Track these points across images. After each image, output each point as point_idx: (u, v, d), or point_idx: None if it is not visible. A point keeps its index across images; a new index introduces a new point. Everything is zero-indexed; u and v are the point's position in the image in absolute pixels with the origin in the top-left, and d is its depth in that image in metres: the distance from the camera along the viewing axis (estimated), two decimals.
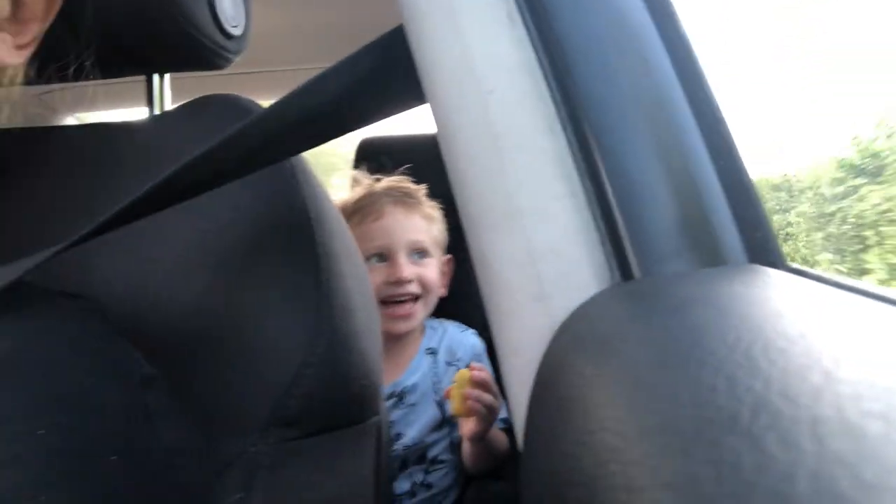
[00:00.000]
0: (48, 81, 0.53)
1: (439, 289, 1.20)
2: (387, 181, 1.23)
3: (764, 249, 0.35)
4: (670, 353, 0.21)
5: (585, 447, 0.19)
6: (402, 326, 1.14)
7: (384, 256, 1.15)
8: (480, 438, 1.07)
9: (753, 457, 0.13)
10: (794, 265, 0.34)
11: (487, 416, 1.04)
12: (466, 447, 1.13)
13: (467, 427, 1.08)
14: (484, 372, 1.04)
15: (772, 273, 0.30)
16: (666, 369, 0.20)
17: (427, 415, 1.17)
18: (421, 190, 1.23)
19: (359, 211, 1.17)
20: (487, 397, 1.02)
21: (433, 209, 1.22)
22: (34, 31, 0.45)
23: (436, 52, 0.41)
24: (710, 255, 0.35)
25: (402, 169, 1.26)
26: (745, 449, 0.13)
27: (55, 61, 0.52)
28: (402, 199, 1.18)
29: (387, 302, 1.13)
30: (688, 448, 0.15)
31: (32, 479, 0.27)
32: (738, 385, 0.16)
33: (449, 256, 1.25)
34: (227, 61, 0.65)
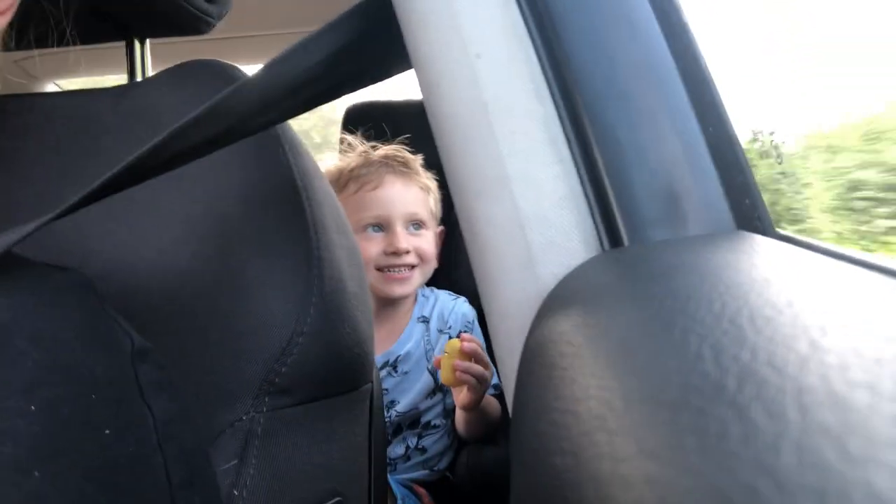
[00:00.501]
0: (27, 48, 0.51)
1: (435, 259, 1.20)
2: (384, 150, 1.22)
3: (752, 216, 0.35)
4: (656, 320, 0.21)
5: (572, 415, 0.19)
6: (398, 289, 1.14)
7: (381, 227, 1.14)
8: (473, 407, 1.08)
9: (739, 427, 0.13)
10: (783, 232, 0.34)
11: (478, 385, 1.04)
12: (459, 415, 1.14)
13: (459, 396, 1.09)
14: (473, 342, 1.05)
15: (760, 240, 0.30)
16: (652, 337, 0.20)
17: (420, 382, 1.18)
18: (418, 160, 1.22)
19: (356, 179, 1.16)
20: (477, 368, 1.03)
21: (430, 180, 1.21)
22: None
23: (422, 15, 0.40)
24: (698, 223, 0.35)
25: (400, 139, 1.25)
26: (730, 418, 0.13)
27: (34, 27, 0.51)
28: (401, 169, 1.17)
29: (383, 269, 1.13)
30: (673, 417, 0.15)
31: (25, 455, 0.26)
32: (723, 353, 0.16)
33: (441, 228, 1.25)
34: (209, 26, 0.64)
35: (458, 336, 1.16)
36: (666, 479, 0.13)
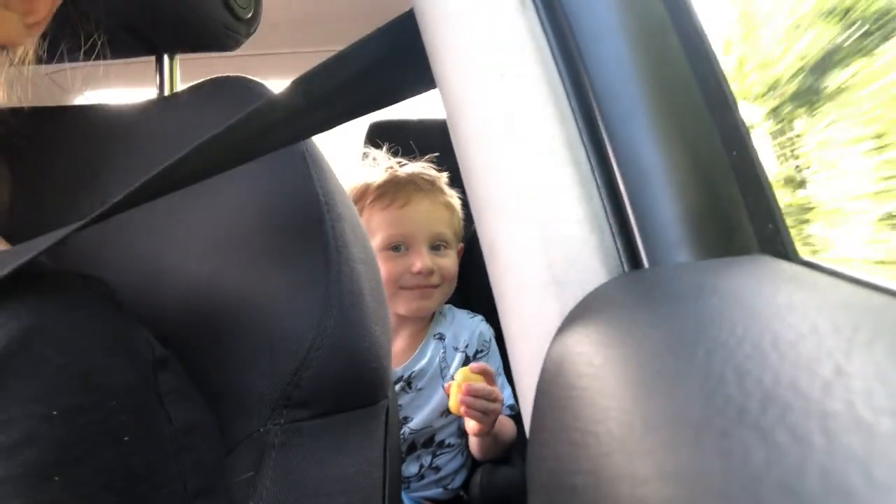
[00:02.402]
0: (59, 61, 0.53)
1: (455, 278, 1.20)
2: (411, 167, 1.22)
3: (775, 241, 0.35)
4: (678, 342, 0.21)
5: (592, 436, 0.19)
6: (419, 308, 1.14)
7: (406, 245, 1.14)
8: (483, 434, 1.08)
9: (763, 450, 0.13)
10: (806, 258, 0.34)
11: (485, 418, 1.04)
12: (472, 438, 1.14)
13: (468, 425, 1.08)
14: (479, 381, 1.04)
15: (783, 265, 0.29)
16: (674, 359, 0.20)
17: (434, 400, 1.17)
18: (443, 177, 1.22)
19: (383, 196, 1.15)
20: (481, 403, 1.02)
21: (454, 198, 1.21)
22: (44, 9, 0.45)
23: (446, 36, 0.41)
24: (720, 246, 0.35)
25: (428, 157, 1.25)
26: (754, 442, 0.13)
27: (66, 41, 0.52)
28: (427, 187, 1.17)
29: (406, 287, 1.13)
30: (695, 439, 0.15)
31: (47, 459, 0.27)
32: (747, 377, 0.16)
33: (461, 245, 1.25)
34: (237, 43, 0.65)
35: (473, 356, 1.16)
36: (686, 502, 0.13)
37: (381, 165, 1.23)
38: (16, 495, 0.26)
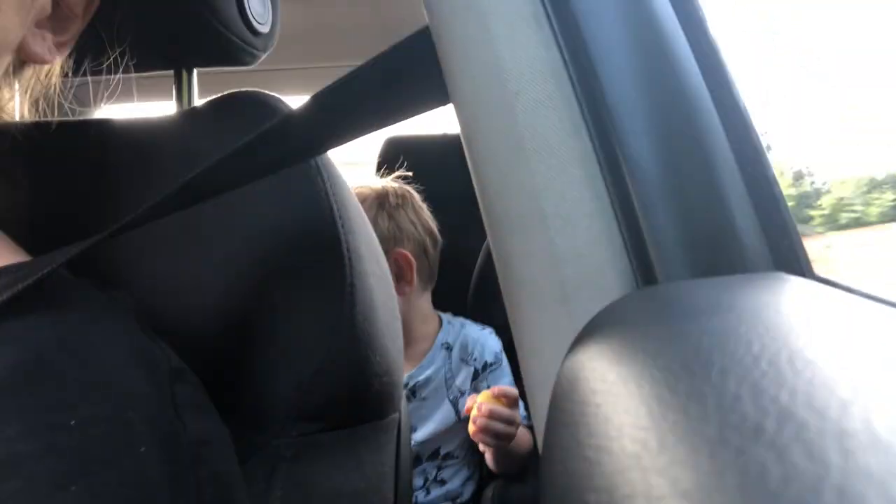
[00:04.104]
0: (83, 76, 0.54)
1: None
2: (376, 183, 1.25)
3: (791, 257, 0.35)
4: (693, 359, 0.21)
5: (606, 452, 0.19)
6: None
7: None
8: (497, 454, 1.08)
9: (779, 468, 0.13)
10: (822, 275, 0.33)
11: (498, 442, 1.04)
12: (487, 452, 1.13)
13: (481, 444, 1.09)
14: (499, 404, 1.04)
15: (799, 281, 0.29)
16: (688, 376, 0.20)
17: (440, 411, 1.17)
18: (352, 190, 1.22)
19: None
20: (494, 428, 1.02)
21: (370, 209, 1.19)
22: (74, 29, 0.46)
23: (461, 53, 0.41)
24: (735, 262, 0.35)
25: (399, 174, 1.27)
26: (770, 459, 0.13)
27: (90, 56, 0.53)
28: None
29: None
30: (710, 457, 0.15)
31: (65, 469, 0.27)
32: (763, 395, 0.16)
33: (396, 253, 1.19)
34: (255, 58, 0.66)
35: (482, 369, 1.16)
36: None
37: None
38: (35, 503, 0.26)
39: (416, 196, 1.27)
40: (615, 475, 0.18)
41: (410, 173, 1.29)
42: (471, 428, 1.04)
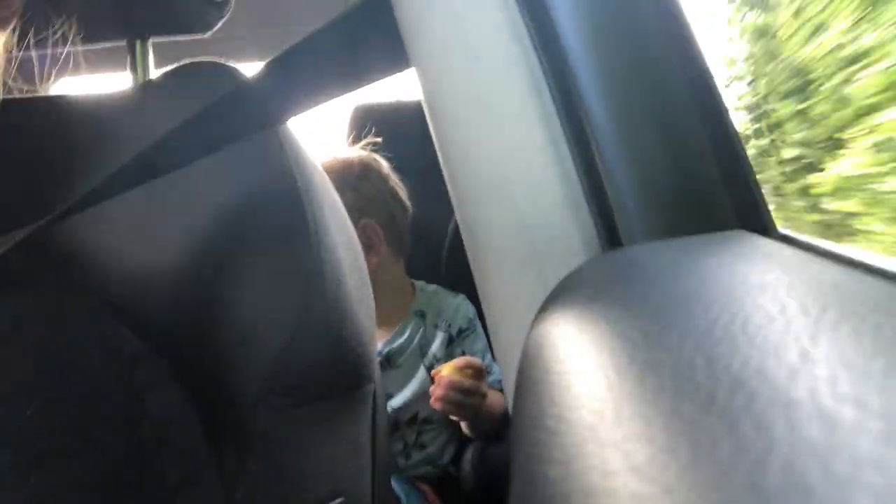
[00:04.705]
0: (27, 49, 0.52)
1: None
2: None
3: (754, 215, 0.35)
4: (652, 326, 0.21)
5: (565, 423, 0.19)
6: None
7: None
8: (469, 423, 1.10)
9: (729, 441, 0.13)
10: (785, 232, 0.34)
11: (461, 411, 1.06)
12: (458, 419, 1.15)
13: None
14: (461, 378, 1.04)
15: (760, 241, 0.29)
16: (646, 344, 0.20)
17: (415, 378, 1.17)
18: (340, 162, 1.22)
19: None
20: (455, 398, 1.03)
21: (335, 181, 1.18)
22: (16, 2, 0.44)
23: (421, 16, 0.40)
24: (700, 222, 0.35)
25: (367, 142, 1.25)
26: (721, 432, 0.13)
27: (34, 29, 0.51)
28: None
29: None
30: (664, 430, 0.15)
31: (22, 459, 0.27)
32: (716, 362, 0.16)
33: (363, 223, 1.17)
34: (210, 26, 0.64)
35: (457, 335, 1.16)
36: (651, 497, 0.13)
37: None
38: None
39: (383, 164, 1.25)
40: (573, 447, 0.18)
41: (379, 139, 1.27)
42: (431, 401, 1.05)
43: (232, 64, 0.54)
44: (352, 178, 1.19)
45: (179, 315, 0.45)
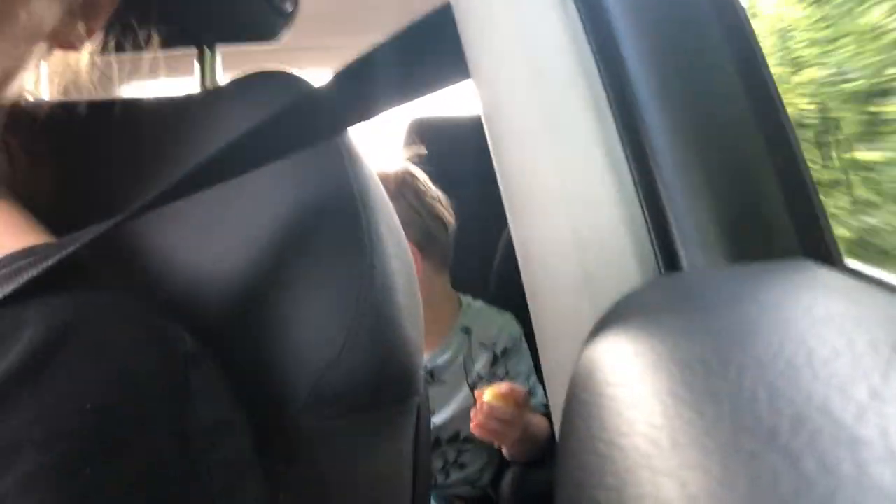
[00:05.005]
0: (107, 54, 0.54)
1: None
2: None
3: (818, 246, 0.34)
4: (710, 355, 0.20)
5: (617, 449, 0.19)
6: None
7: None
8: (510, 449, 1.09)
9: (791, 478, 0.12)
10: (851, 264, 0.33)
11: (501, 438, 1.05)
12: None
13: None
14: (503, 402, 1.03)
15: (825, 271, 0.28)
16: (705, 373, 0.19)
17: (459, 395, 1.17)
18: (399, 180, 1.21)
19: None
20: (494, 427, 1.03)
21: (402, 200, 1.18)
22: (104, 15, 0.46)
23: (484, 30, 0.40)
24: (762, 249, 0.34)
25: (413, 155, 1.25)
26: (783, 468, 0.13)
27: (114, 35, 0.53)
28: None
29: None
30: (722, 461, 0.14)
31: (78, 454, 0.28)
32: (778, 396, 0.16)
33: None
34: (277, 35, 0.66)
35: (501, 354, 1.15)
36: None
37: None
38: (47, 489, 0.26)
39: (420, 178, 1.23)
40: (625, 473, 0.17)
41: (424, 152, 1.26)
42: (472, 426, 1.04)
43: (298, 73, 0.55)
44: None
45: (234, 319, 0.46)
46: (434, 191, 1.23)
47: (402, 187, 1.19)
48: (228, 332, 0.45)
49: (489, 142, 0.41)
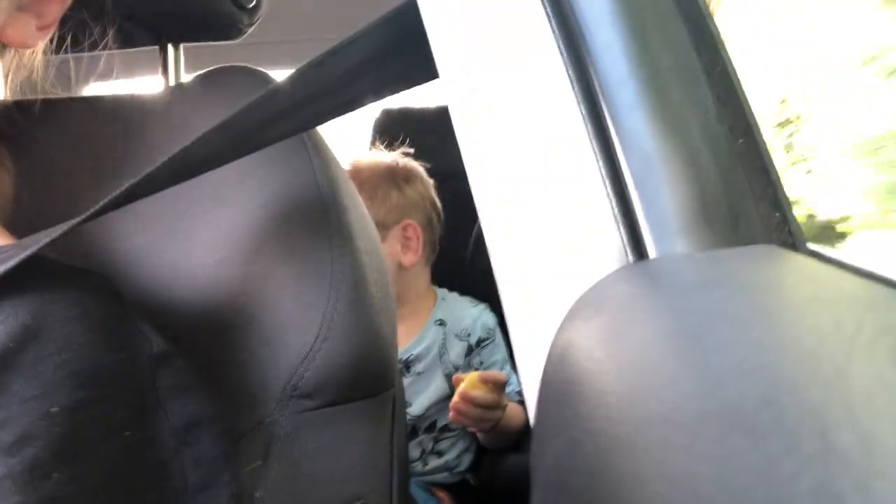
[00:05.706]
0: (63, 52, 0.53)
1: (399, 259, 1.18)
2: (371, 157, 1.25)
3: (783, 230, 0.34)
4: (679, 339, 0.21)
5: (589, 434, 0.19)
6: None
7: None
8: (486, 431, 1.09)
9: (755, 457, 0.13)
10: (814, 248, 0.33)
11: (479, 424, 1.06)
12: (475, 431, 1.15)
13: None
14: (483, 389, 1.04)
15: (790, 255, 0.29)
16: (673, 356, 0.19)
17: (434, 385, 1.17)
18: (362, 162, 1.23)
19: None
20: (473, 413, 1.03)
21: (377, 186, 1.19)
22: (56, 11, 0.45)
23: (451, 26, 0.40)
24: (727, 235, 0.35)
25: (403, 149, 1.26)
26: (747, 448, 0.13)
27: (71, 32, 0.52)
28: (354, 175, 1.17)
29: None
30: (690, 442, 0.15)
31: (47, 456, 0.27)
32: (745, 378, 0.16)
33: (405, 223, 1.19)
34: (241, 32, 0.65)
35: (476, 345, 1.16)
36: None
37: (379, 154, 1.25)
38: (16, 492, 0.26)
39: (423, 171, 1.27)
40: (599, 457, 0.18)
41: (412, 150, 1.28)
42: (450, 414, 1.05)
43: (262, 70, 0.54)
44: (398, 179, 1.20)
45: (205, 316, 0.46)
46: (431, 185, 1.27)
47: (412, 174, 1.23)
48: (201, 329, 0.45)
49: (457, 133, 0.41)
